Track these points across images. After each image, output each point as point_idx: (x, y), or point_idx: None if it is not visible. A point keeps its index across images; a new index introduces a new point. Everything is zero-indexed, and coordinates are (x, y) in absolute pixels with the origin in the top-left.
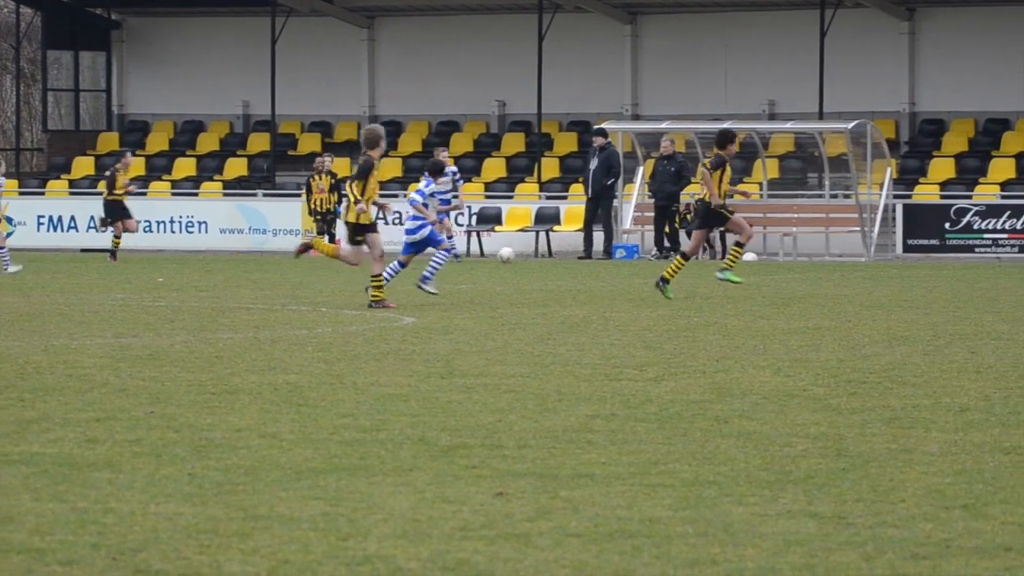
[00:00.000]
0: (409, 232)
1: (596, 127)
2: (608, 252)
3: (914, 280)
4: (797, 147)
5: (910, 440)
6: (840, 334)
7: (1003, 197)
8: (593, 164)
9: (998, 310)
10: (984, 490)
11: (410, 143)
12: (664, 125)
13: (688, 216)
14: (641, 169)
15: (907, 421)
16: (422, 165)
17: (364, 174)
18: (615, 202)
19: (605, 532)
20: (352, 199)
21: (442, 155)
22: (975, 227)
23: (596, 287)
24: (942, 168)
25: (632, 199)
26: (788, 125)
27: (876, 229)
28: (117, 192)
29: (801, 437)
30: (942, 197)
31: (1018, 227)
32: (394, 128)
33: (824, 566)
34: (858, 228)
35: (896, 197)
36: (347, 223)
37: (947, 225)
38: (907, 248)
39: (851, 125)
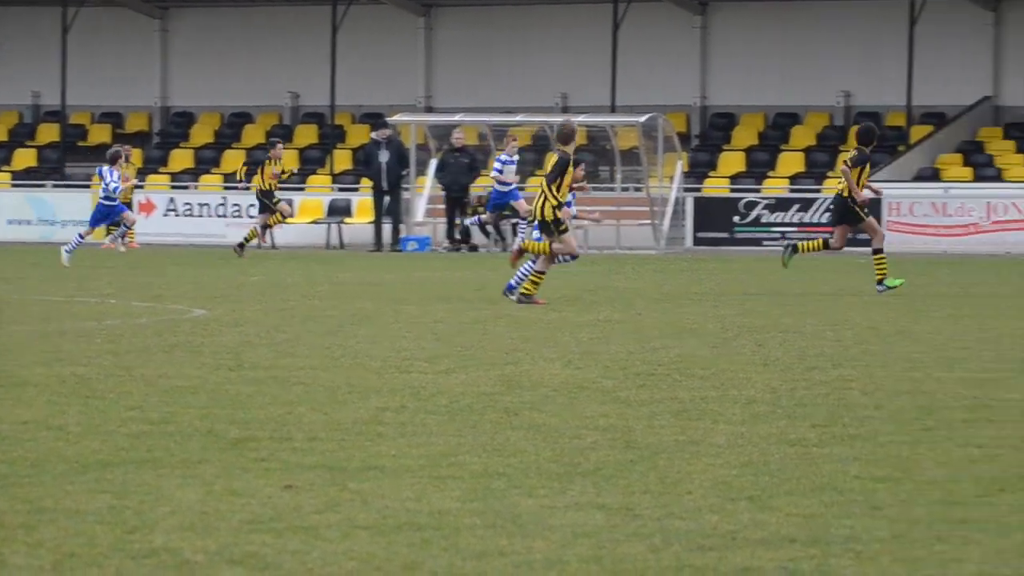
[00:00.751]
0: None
1: (382, 120)
2: (398, 244)
3: (703, 273)
4: (589, 140)
5: (698, 432)
6: (630, 327)
7: (791, 191)
8: (385, 156)
9: (785, 303)
10: (770, 482)
11: (202, 134)
12: (457, 118)
13: (479, 209)
14: (434, 161)
15: (695, 413)
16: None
17: (562, 171)
18: (405, 194)
19: (394, 524)
20: (550, 198)
21: (512, 142)
22: (764, 220)
23: (387, 280)
24: (732, 162)
25: (424, 191)
26: (580, 118)
27: (667, 222)
28: (268, 182)
29: (590, 429)
30: (732, 191)
31: (806, 220)
32: (186, 119)
33: (611, 558)
34: (649, 221)
35: (687, 190)
36: (542, 221)
37: (736, 218)
38: (697, 241)
39: (643, 119)
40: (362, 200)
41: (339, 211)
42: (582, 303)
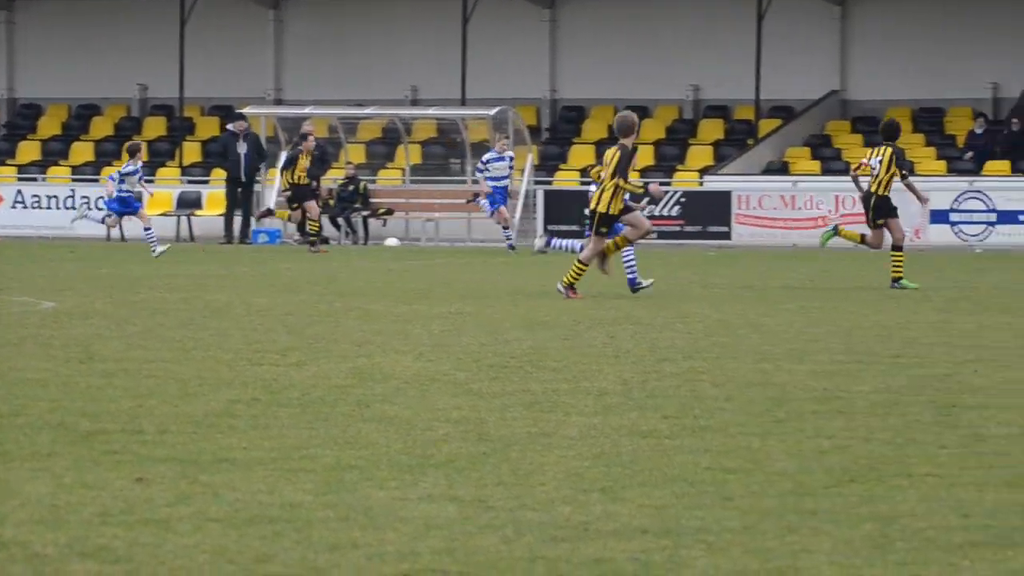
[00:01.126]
0: None
1: (238, 111)
2: (248, 237)
3: (555, 266)
4: (440, 133)
5: (550, 424)
6: (482, 319)
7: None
8: (243, 149)
9: (636, 296)
10: (622, 473)
11: (50, 127)
12: (307, 110)
13: (331, 202)
14: (284, 154)
15: (547, 405)
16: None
17: (629, 163)
18: (256, 187)
19: (246, 517)
20: (629, 190)
21: (504, 141)
22: None
23: (239, 272)
24: (582, 155)
25: (275, 184)
26: (431, 111)
27: (518, 215)
28: (299, 175)
29: (442, 421)
30: (582, 183)
31: (656, 213)
32: (33, 111)
33: (464, 550)
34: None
35: (537, 183)
36: (601, 213)
37: (587, 211)
38: (549, 234)
39: (493, 112)
40: (212, 192)
41: (189, 203)
42: (434, 296)
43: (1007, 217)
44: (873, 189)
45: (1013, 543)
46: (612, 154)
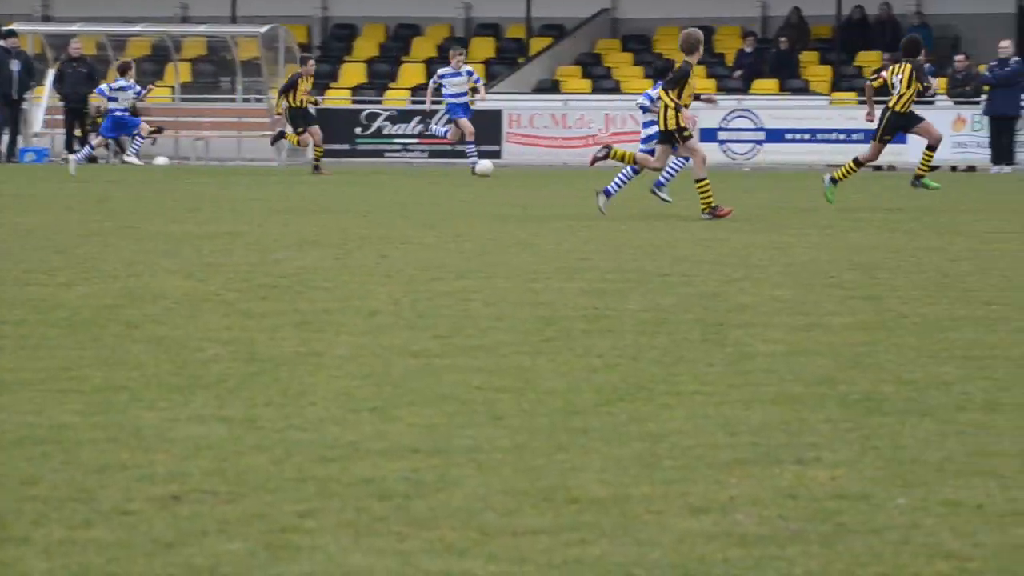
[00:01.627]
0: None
1: (5, 28)
2: (15, 155)
3: (326, 185)
4: (210, 51)
5: (320, 344)
6: (252, 239)
7: (413, 102)
8: (16, 66)
9: (408, 214)
10: (392, 393)
11: None
12: (75, 27)
13: (99, 120)
14: (52, 71)
15: (317, 325)
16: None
17: (681, 79)
18: (24, 105)
19: (13, 439)
20: (671, 104)
21: (458, 56)
22: (385, 132)
23: (4, 192)
24: (353, 73)
25: (43, 102)
26: (200, 28)
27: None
28: (301, 98)
29: (212, 342)
30: (353, 102)
31: (427, 132)
32: None
33: (234, 469)
34: (270, 133)
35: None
36: (663, 130)
37: (358, 130)
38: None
39: (263, 29)
40: None
41: None
42: (203, 215)
43: (774, 136)
44: (892, 105)
45: (779, 460)
46: (673, 69)
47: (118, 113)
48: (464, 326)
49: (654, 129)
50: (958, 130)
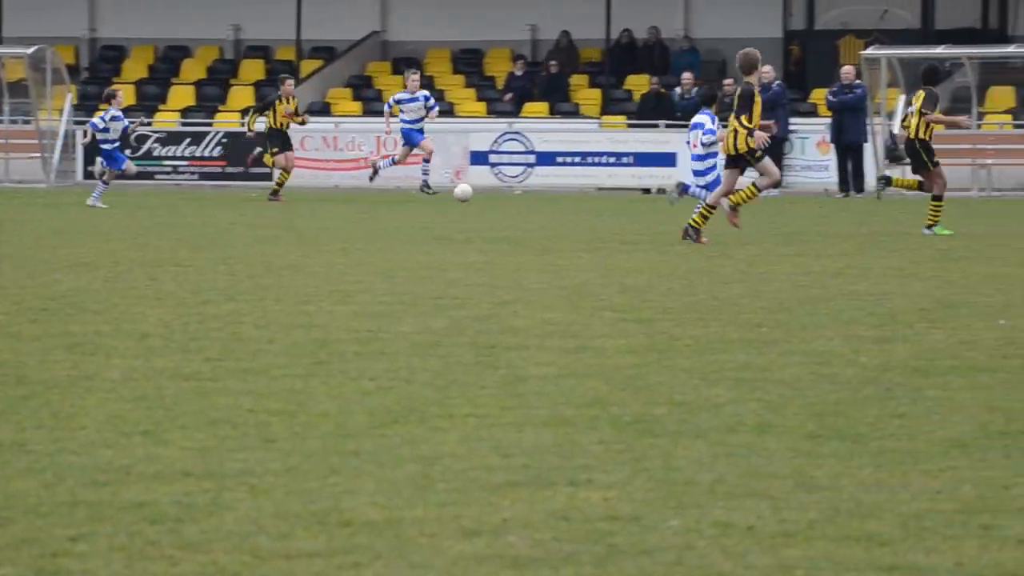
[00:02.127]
0: (699, 173)
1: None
2: None
3: (102, 209)
4: None
5: (91, 367)
6: (21, 260)
7: (183, 124)
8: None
9: (179, 237)
10: (164, 416)
11: None
12: None
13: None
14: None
15: (89, 348)
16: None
17: (749, 101)
18: None
19: None
20: (741, 129)
21: (413, 79)
22: (155, 154)
23: None
24: (124, 94)
25: None
26: None
27: (57, 155)
28: (280, 120)
29: None
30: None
31: (197, 154)
32: None
33: (3, 494)
34: (39, 154)
35: (76, 123)
36: (732, 154)
37: (128, 152)
38: (88, 175)
39: (30, 50)
40: None
41: None
42: None
43: (545, 159)
44: (911, 136)
45: (551, 482)
46: (736, 93)
47: (108, 147)
48: (235, 349)
49: (713, 160)
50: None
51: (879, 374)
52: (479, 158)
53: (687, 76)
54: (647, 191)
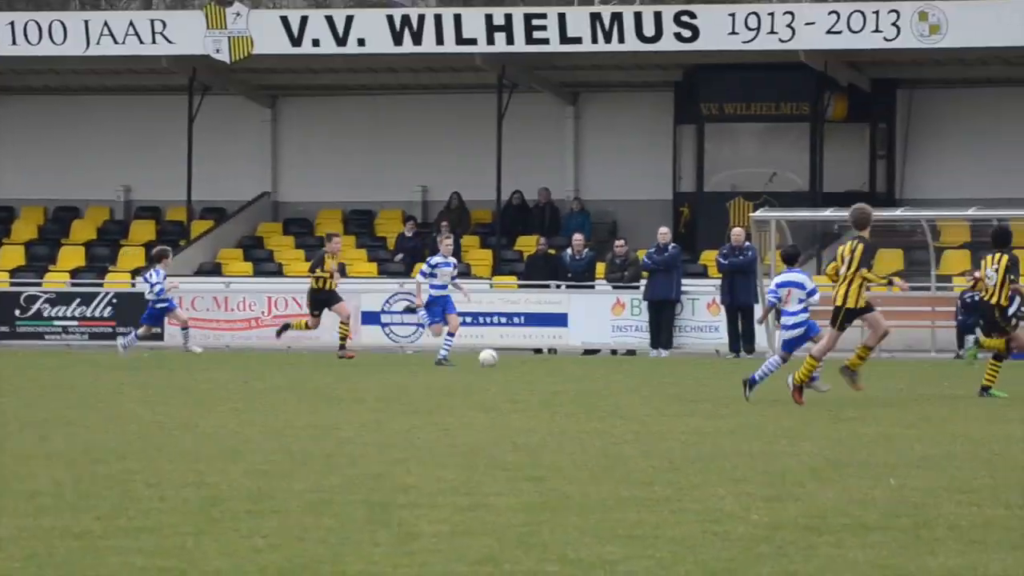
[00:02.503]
0: (787, 328)
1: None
2: None
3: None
4: None
5: None
6: None
7: (72, 284)
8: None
9: (68, 396)
10: (56, 574)
11: None
12: None
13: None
14: None
15: None
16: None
17: (872, 255)
18: None
19: None
20: (874, 281)
21: (447, 242)
22: (45, 314)
23: None
24: (13, 255)
25: None
26: None
27: None
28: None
29: None
30: (12, 284)
31: (87, 315)
32: None
33: None
34: None
35: None
36: (849, 308)
37: (18, 312)
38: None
39: None
40: None
41: None
42: None
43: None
44: (992, 300)
45: None
46: (852, 247)
47: (159, 307)
48: (126, 507)
49: (801, 317)
50: (617, 314)
51: (771, 532)
52: (370, 318)
53: (578, 237)
54: (538, 351)
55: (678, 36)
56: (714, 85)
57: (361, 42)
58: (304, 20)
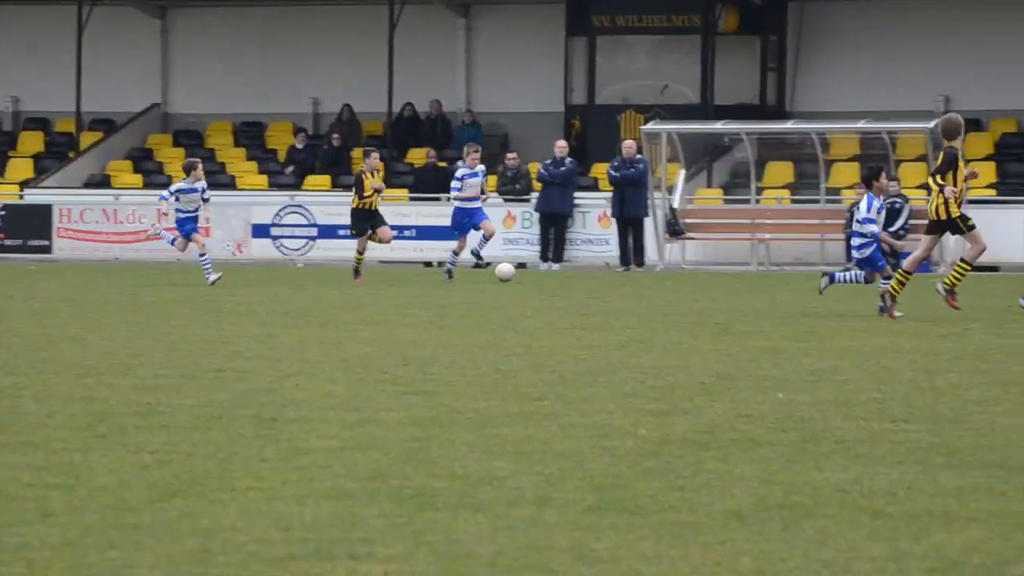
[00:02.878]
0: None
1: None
2: None
3: None
4: None
5: None
6: None
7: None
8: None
9: None
10: None
11: None
12: None
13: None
14: None
15: None
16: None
17: (951, 165)
18: None
19: None
20: (936, 190)
21: (474, 154)
22: None
23: None
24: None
25: None
26: None
27: None
28: (366, 197)
29: None
30: None
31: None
32: None
33: None
34: None
35: None
36: (934, 220)
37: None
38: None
39: None
40: None
41: None
42: None
43: (327, 232)
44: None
45: (332, 556)
46: (940, 157)
47: (181, 215)
48: (14, 422)
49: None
50: (508, 227)
51: (659, 447)
52: (261, 231)
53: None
54: (429, 264)
55: None
56: None
57: None
58: None
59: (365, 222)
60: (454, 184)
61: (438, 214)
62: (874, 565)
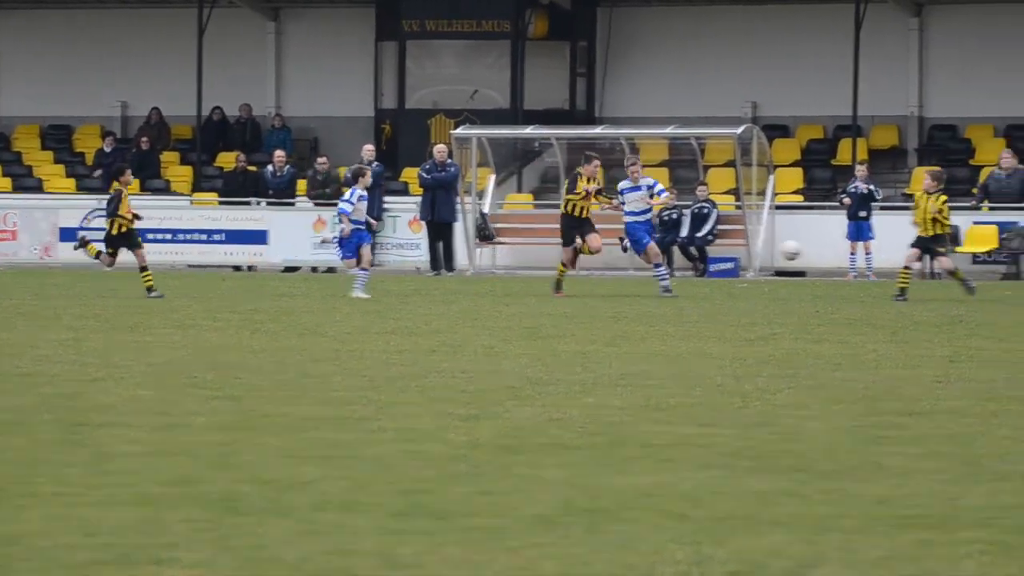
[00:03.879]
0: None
1: None
2: None
3: None
4: None
5: None
6: None
7: None
8: None
9: None
10: None
11: None
12: None
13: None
14: None
15: None
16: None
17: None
18: None
19: None
20: None
21: (633, 167)
22: None
23: None
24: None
25: None
26: None
27: None
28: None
29: None
30: None
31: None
32: None
33: None
34: None
35: None
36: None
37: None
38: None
39: None
40: None
41: None
42: None
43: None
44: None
45: (135, 561)
46: None
47: (356, 226)
48: None
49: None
50: (318, 231)
51: (467, 451)
52: (68, 234)
53: (279, 153)
54: (238, 268)
55: None
56: (415, 1)
57: None
58: None
59: (572, 231)
60: (619, 199)
61: (248, 218)
62: (677, 569)
